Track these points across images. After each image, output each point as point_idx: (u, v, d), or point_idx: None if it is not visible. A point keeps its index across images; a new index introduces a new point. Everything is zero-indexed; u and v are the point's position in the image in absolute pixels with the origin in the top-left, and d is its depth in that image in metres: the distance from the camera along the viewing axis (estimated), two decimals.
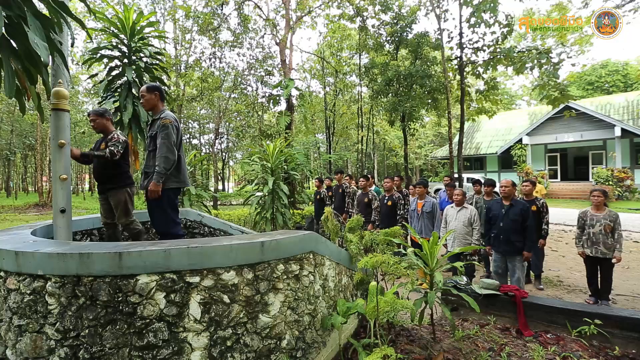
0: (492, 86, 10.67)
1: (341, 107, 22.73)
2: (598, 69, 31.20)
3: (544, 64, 8.90)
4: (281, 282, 2.24)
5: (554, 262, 6.34)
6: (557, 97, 8.93)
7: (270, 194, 6.92)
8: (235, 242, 2.04)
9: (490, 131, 24.51)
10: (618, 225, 4.05)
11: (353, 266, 3.29)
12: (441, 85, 11.54)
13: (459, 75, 10.22)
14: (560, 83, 9.05)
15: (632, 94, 20.08)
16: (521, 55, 9.36)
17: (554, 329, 3.19)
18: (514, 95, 39.99)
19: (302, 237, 2.47)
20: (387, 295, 2.47)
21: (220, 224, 4.76)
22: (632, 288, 4.88)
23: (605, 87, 30.52)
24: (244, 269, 2.04)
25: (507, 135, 22.86)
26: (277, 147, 7.47)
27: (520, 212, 4.02)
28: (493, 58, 9.75)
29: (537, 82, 9.61)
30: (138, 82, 4.84)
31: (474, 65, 10.25)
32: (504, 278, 4.18)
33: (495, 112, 12.00)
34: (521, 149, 20.02)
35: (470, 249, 3.11)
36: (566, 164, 21.54)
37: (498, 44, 9.60)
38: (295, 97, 13.72)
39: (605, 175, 16.20)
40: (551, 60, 8.86)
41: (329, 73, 21.10)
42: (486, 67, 10.04)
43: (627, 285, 4.83)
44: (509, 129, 23.54)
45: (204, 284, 1.89)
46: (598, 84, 30.92)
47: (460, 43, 9.95)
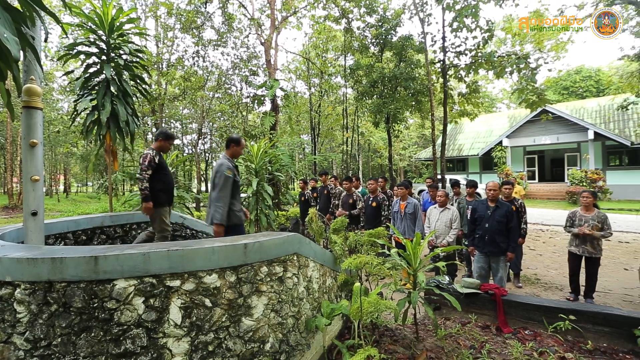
0: (474, 89, 10.96)
1: (326, 108, 22.79)
2: (573, 74, 32.56)
3: (523, 68, 9.20)
4: (264, 284, 2.21)
5: (531, 261, 6.54)
6: (535, 101, 9.26)
7: (254, 195, 6.86)
8: (217, 245, 2.00)
9: (472, 133, 25.14)
10: (607, 226, 4.20)
11: (337, 267, 3.30)
12: (425, 88, 11.75)
13: (442, 78, 10.44)
14: (538, 87, 9.39)
15: (604, 99, 21.05)
16: (501, 59, 9.65)
17: (531, 325, 3.29)
18: (495, 98, 41.19)
19: (286, 239, 2.45)
20: (371, 296, 2.48)
21: (202, 226, 4.68)
22: (604, 284, 5.10)
23: (579, 92, 31.87)
24: (227, 272, 2.01)
25: (488, 138, 23.51)
26: (262, 147, 7.41)
27: (505, 213, 4.11)
28: (474, 62, 10.01)
29: (516, 86, 9.93)
30: (117, 79, 4.69)
31: (456, 68, 10.49)
32: (487, 279, 4.28)
33: (476, 114, 12.32)
34: (501, 151, 20.65)
35: (452, 248, 3.17)
36: (543, 165, 22.35)
37: (479, 48, 9.86)
38: (280, 97, 13.66)
39: (579, 177, 16.91)
40: (529, 65, 9.18)
41: (314, 74, 21.11)
42: (468, 71, 10.29)
43: (600, 282, 5.02)
44: (489, 131, 24.21)
45: (185, 288, 1.85)
46: (573, 89, 32.27)
47: (443, 47, 10.16)
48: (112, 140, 4.72)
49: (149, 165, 3.51)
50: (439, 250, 2.97)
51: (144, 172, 3.48)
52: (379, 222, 5.53)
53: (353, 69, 13.63)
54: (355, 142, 25.05)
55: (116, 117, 4.62)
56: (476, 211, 4.35)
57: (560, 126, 18.64)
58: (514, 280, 5.22)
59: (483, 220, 4.18)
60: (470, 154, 23.16)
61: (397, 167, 31.10)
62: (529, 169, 21.59)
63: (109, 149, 4.73)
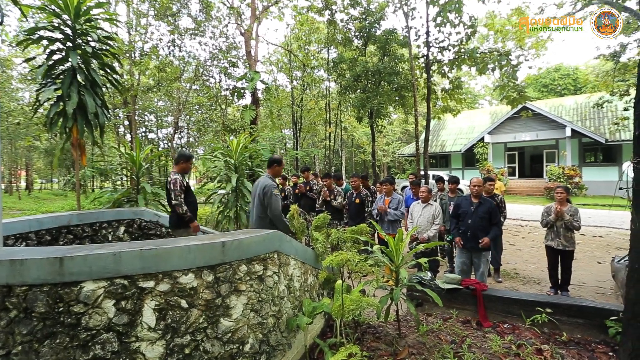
0: (457, 85, 11.19)
1: (309, 102, 22.72)
2: (552, 72, 33.87)
3: (504, 65, 9.48)
4: (244, 283, 2.20)
5: (511, 256, 6.80)
6: (516, 98, 9.56)
7: (233, 191, 6.77)
8: (193, 243, 1.97)
9: (455, 129, 25.73)
10: (577, 218, 4.44)
11: (319, 265, 3.31)
12: (408, 83, 11.90)
13: (425, 73, 10.61)
14: (519, 84, 9.71)
15: (581, 97, 22.02)
16: (483, 56, 9.91)
17: (510, 319, 3.42)
18: (477, 94, 42.29)
19: (266, 236, 2.44)
20: (353, 294, 2.51)
21: None
22: (578, 277, 5.37)
23: (558, 90, 33.21)
24: (204, 271, 1.98)
25: (470, 134, 24.13)
26: (241, 142, 7.30)
27: (488, 210, 4.23)
28: (458, 58, 10.22)
29: (497, 82, 10.22)
30: (84, 68, 4.49)
31: (439, 64, 10.68)
32: (468, 274, 4.41)
33: (459, 110, 12.60)
34: (483, 147, 21.26)
35: (433, 244, 3.24)
36: (523, 161, 23.18)
37: (462, 44, 10.07)
38: (260, 90, 13.50)
39: (557, 173, 17.67)
40: (510, 62, 9.47)
41: (297, 67, 20.98)
42: (451, 66, 10.51)
43: (575, 275, 5.27)
44: (472, 128, 24.86)
45: (159, 289, 1.80)
46: (552, 87, 33.59)
47: (427, 41, 10.31)
48: (79, 134, 4.52)
49: (181, 189, 3.82)
50: (421, 247, 3.03)
51: (179, 197, 3.79)
52: (362, 219, 5.59)
53: (336, 62, 13.62)
54: (338, 137, 25.14)
55: (84, 109, 4.43)
56: (459, 207, 4.47)
57: (539, 123, 19.37)
58: (494, 275, 5.40)
59: (466, 216, 4.29)
60: (453, 150, 23.72)
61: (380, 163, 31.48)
62: (509, 165, 22.36)
63: (76, 142, 4.54)
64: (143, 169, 6.25)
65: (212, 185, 7.77)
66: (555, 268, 4.68)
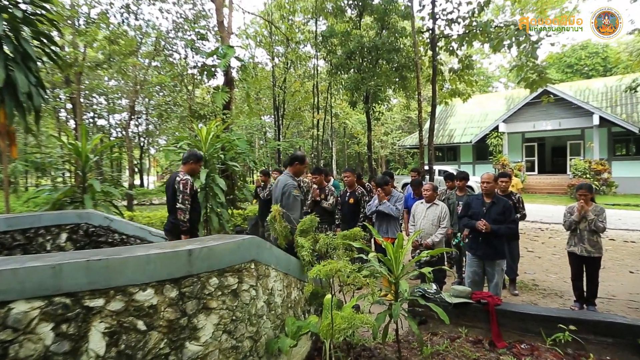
0: (467, 65, 11.33)
1: (293, 84, 22.64)
2: (578, 50, 34.59)
3: (522, 42, 9.63)
4: (215, 299, 2.18)
5: (529, 264, 6.95)
6: (536, 80, 9.74)
7: (202, 190, 6.70)
8: (153, 252, 1.94)
9: (465, 117, 26.11)
10: (603, 219, 4.53)
11: (305, 277, 3.31)
12: (411, 62, 11.99)
13: (430, 50, 10.69)
14: (539, 64, 9.89)
15: (611, 79, 22.58)
16: (498, 30, 10.04)
17: (528, 338, 3.50)
18: (491, 76, 42.94)
19: (242, 243, 2.43)
20: (344, 310, 2.52)
21: (135, 230, 4.52)
22: (607, 289, 5.52)
23: (584, 71, 33.96)
24: (166, 286, 1.96)
25: (482, 122, 24.52)
26: (212, 131, 7.23)
27: (503, 210, 4.27)
28: (468, 32, 10.34)
29: (515, 62, 10.39)
30: (13, 37, 4.34)
31: (447, 39, 10.79)
32: (480, 286, 4.47)
33: (470, 94, 12.78)
34: (497, 138, 21.60)
35: (439, 251, 3.28)
36: (544, 155, 23.69)
37: (474, 16, 10.18)
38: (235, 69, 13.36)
39: (582, 168, 18.09)
40: (530, 38, 9.62)
41: (279, 41, 20.85)
42: (461, 43, 10.62)
43: (603, 287, 5.43)
44: (484, 115, 25.26)
45: (110, 308, 1.77)
46: (577, 67, 34.34)
47: (432, 13, 10.38)
48: (7, 118, 4.39)
49: (190, 193, 3.96)
50: (425, 254, 3.06)
51: (187, 202, 3.91)
52: (357, 222, 5.60)
53: (326, 36, 13.59)
54: (328, 126, 25.16)
55: (13, 88, 4.29)
56: (470, 207, 4.50)
57: (563, 110, 19.76)
58: (510, 286, 5.52)
59: (477, 218, 4.33)
60: (462, 141, 24.05)
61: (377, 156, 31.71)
62: (527, 158, 22.82)
63: (3, 129, 4.41)
64: (91, 162, 6.13)
65: None
66: (580, 278, 4.79)
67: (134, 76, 17.76)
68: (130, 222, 4.65)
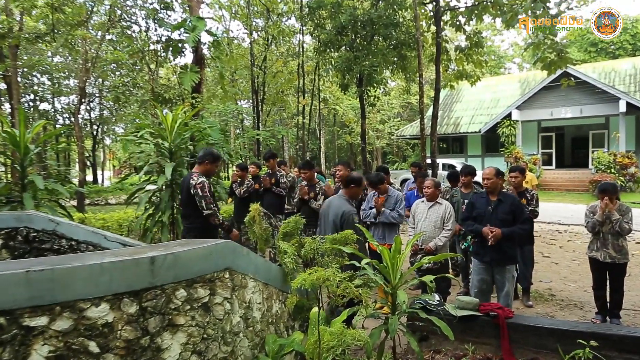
0: (476, 42, 11.43)
1: (275, 63, 22.54)
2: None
3: (540, 15, 9.74)
4: (182, 315, 2.18)
5: (545, 271, 7.09)
6: (554, 61, 9.87)
7: (168, 187, 6.65)
8: (109, 260, 1.93)
9: (473, 103, 26.37)
10: (629, 219, 4.61)
11: (288, 287, 3.33)
12: (411, 38, 12.05)
13: (434, 25, 10.76)
14: (559, 42, 10.02)
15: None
16: (512, 2, 10.14)
17: (543, 355, 3.58)
18: (503, 55, 43.41)
19: (214, 249, 2.44)
20: (334, 325, 2.54)
21: (87, 234, 4.45)
22: (633, 300, 5.67)
23: (610, 50, 34.50)
24: (124, 300, 1.95)
25: (493, 109, 24.81)
26: (180, 118, 7.17)
27: (510, 208, 4.33)
28: (478, 4, 10.42)
29: (530, 39, 10.52)
30: None
31: (454, 12, 10.86)
32: (488, 295, 4.55)
33: (479, 77, 12.89)
34: (510, 127, 21.85)
35: (443, 257, 3.33)
36: (563, 146, 24.08)
37: None
38: (206, 44, 13.23)
39: (606, 161, 18.42)
40: (548, 11, 9.73)
41: (258, 12, 20.71)
42: (469, 16, 10.70)
43: (629, 297, 5.57)
44: (495, 100, 25.56)
45: (55, 328, 1.75)
46: (602, 45, 34.84)
47: None
48: None
49: (212, 195, 4.32)
50: (427, 260, 3.10)
51: (212, 205, 4.29)
52: None
53: (313, 7, 13.56)
54: (316, 113, 25.15)
55: None
56: (474, 207, 4.58)
57: (585, 95, 20.09)
58: (523, 297, 5.63)
59: (483, 219, 4.40)
60: (469, 131, 24.30)
61: (372, 148, 31.84)
62: (544, 151, 23.18)
63: None
64: (31, 154, 6.01)
65: (138, 178, 7.61)
66: (603, 287, 4.90)
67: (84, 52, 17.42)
68: (81, 226, 4.58)
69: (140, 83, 17.60)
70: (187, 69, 11.73)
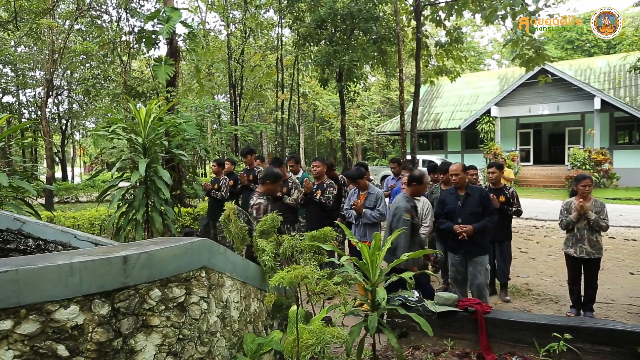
0: (456, 38, 11.59)
1: (253, 57, 22.36)
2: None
3: (518, 12, 9.93)
4: (157, 315, 2.16)
5: (522, 267, 7.28)
6: (532, 57, 10.10)
7: (142, 184, 6.54)
8: (78, 260, 1.89)
9: (453, 99, 26.77)
10: (604, 215, 4.77)
11: (266, 285, 3.32)
12: (391, 33, 12.11)
13: (414, 20, 10.86)
14: (537, 39, 10.24)
15: (615, 58, 23.68)
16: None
17: (520, 349, 3.67)
18: (483, 52, 44.12)
19: (189, 247, 2.42)
20: (313, 323, 2.55)
21: (56, 233, 4.35)
22: (606, 293, 5.87)
23: (586, 47, 35.49)
24: (95, 301, 1.91)
25: (472, 105, 25.22)
26: (154, 112, 7.05)
27: (479, 201, 4.50)
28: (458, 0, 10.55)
29: (509, 36, 10.72)
30: None
31: (434, 7, 10.98)
32: (464, 286, 4.69)
33: (458, 73, 13.10)
34: (489, 123, 22.26)
35: (421, 253, 3.37)
36: (540, 143, 24.69)
37: None
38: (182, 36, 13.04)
39: (582, 158, 18.96)
40: (527, 9, 9.93)
41: (235, 4, 20.50)
42: (449, 12, 10.84)
43: (601, 290, 5.75)
44: (475, 96, 25.99)
45: (21, 332, 1.70)
46: (579, 43, 35.82)
47: None
48: None
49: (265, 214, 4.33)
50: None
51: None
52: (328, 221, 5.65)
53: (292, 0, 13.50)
54: (295, 108, 25.09)
55: None
56: (445, 204, 4.76)
57: (561, 92, 20.62)
58: (501, 292, 5.76)
59: (454, 214, 4.56)
60: (449, 127, 24.66)
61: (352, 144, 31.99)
62: (522, 147, 23.71)
63: None
64: None
65: (109, 175, 7.46)
66: (577, 282, 5.05)
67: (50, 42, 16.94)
68: (50, 225, 4.47)
69: (112, 76, 17.24)
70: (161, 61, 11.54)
